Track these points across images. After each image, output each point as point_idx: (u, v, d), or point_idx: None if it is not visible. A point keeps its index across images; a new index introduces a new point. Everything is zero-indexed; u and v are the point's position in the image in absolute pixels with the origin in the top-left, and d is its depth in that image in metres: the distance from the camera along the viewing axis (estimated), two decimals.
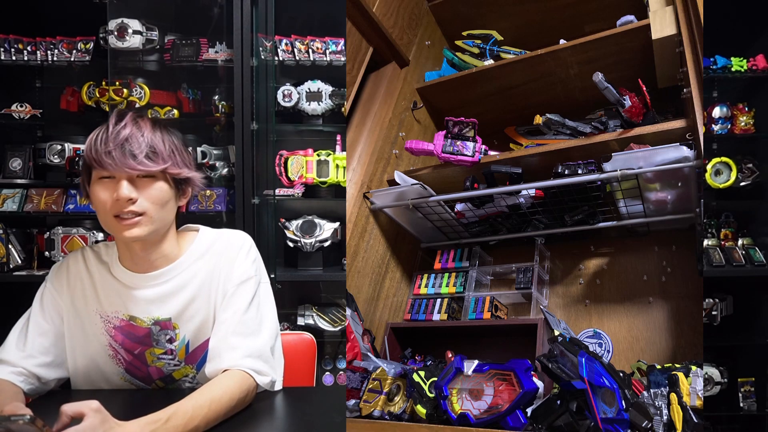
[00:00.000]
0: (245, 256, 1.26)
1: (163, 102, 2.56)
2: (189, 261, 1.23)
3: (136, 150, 1.10)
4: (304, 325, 2.49)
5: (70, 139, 2.64)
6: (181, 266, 1.23)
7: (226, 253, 1.25)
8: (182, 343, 1.23)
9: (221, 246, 1.26)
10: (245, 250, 1.27)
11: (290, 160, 2.41)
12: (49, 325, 1.22)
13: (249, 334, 1.20)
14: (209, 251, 1.25)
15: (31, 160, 2.62)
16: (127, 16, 2.43)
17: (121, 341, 1.22)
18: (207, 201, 2.49)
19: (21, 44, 2.51)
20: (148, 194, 1.13)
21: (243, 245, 1.28)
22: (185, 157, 1.20)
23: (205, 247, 1.26)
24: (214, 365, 1.17)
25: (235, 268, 1.24)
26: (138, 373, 1.25)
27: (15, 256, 2.49)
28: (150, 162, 1.11)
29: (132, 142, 1.10)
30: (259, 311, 1.25)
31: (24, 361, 1.18)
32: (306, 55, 2.49)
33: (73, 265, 1.25)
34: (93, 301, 1.22)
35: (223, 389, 1.07)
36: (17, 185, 2.60)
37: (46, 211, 2.55)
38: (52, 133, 2.76)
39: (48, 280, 1.25)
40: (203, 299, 1.22)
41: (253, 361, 1.17)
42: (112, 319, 1.22)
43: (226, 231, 1.32)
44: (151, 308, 1.21)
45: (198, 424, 0.99)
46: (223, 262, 1.24)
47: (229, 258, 1.25)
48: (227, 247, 1.26)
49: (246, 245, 1.29)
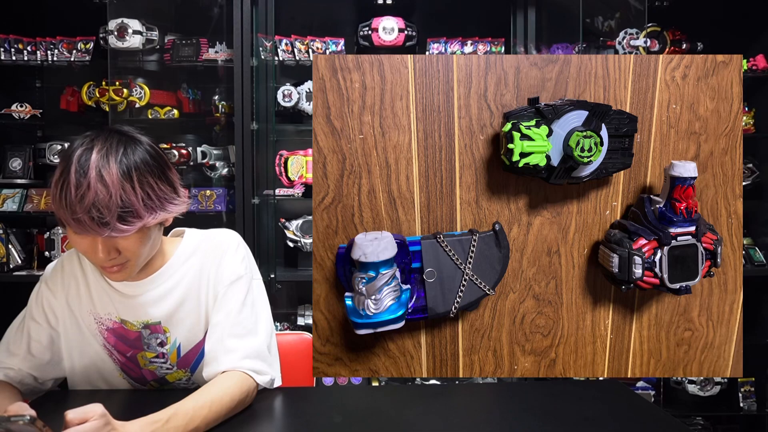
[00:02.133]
0: (233, 255, 1.23)
1: (163, 102, 2.56)
2: (176, 265, 1.21)
3: (106, 216, 0.98)
4: (304, 325, 2.49)
5: (70, 139, 2.63)
6: (169, 270, 1.20)
7: (213, 253, 1.22)
8: (173, 347, 1.21)
9: (207, 246, 1.23)
10: (232, 248, 1.24)
11: (290, 160, 2.41)
12: (45, 325, 1.20)
13: (245, 334, 1.18)
14: (196, 253, 1.23)
15: (31, 160, 2.62)
16: (127, 16, 2.43)
17: (114, 343, 1.21)
18: (207, 201, 2.50)
19: (21, 44, 2.51)
20: (127, 246, 1.06)
21: (230, 244, 1.24)
22: (163, 190, 1.07)
23: (192, 249, 1.23)
24: (211, 369, 1.16)
25: (224, 269, 1.21)
26: (132, 374, 1.24)
27: (15, 256, 2.50)
28: (124, 225, 1.01)
29: (100, 206, 0.98)
30: (254, 310, 1.22)
31: (20, 361, 1.17)
32: (306, 55, 2.49)
33: (68, 265, 1.23)
34: (87, 302, 1.21)
35: (223, 390, 1.07)
36: (17, 185, 2.60)
37: (46, 211, 2.56)
38: (52, 133, 2.76)
39: (43, 280, 1.23)
40: (193, 301, 1.20)
41: (252, 362, 1.16)
42: (105, 320, 1.20)
43: (213, 231, 1.28)
44: (140, 312, 1.19)
45: (198, 425, 0.99)
46: (210, 263, 1.21)
47: (217, 258, 1.22)
48: (214, 247, 1.23)
49: (233, 244, 1.25)
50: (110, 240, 1.04)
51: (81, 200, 0.98)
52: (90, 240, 1.04)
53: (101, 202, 0.98)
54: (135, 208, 1.02)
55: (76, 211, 0.98)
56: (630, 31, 2.47)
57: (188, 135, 2.70)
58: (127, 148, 1.04)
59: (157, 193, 1.06)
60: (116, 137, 1.05)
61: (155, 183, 1.06)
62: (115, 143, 1.03)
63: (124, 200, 1.00)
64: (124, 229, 1.01)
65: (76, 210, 0.98)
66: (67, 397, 1.19)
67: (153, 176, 1.06)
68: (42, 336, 1.20)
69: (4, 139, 2.66)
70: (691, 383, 2.57)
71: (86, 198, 0.98)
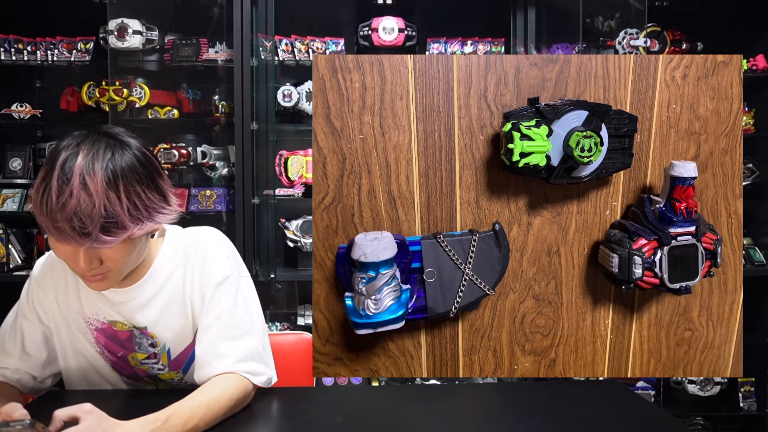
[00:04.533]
0: (216, 254, 1.17)
1: (163, 102, 2.56)
2: (160, 269, 1.16)
3: (89, 226, 0.93)
4: (304, 325, 2.49)
5: None
6: (154, 275, 1.16)
7: (195, 254, 1.17)
8: (163, 350, 1.19)
9: (188, 248, 1.18)
10: (214, 248, 1.18)
11: (290, 160, 2.41)
12: (37, 323, 1.19)
13: (240, 336, 1.15)
14: (176, 254, 1.18)
15: (31, 160, 2.62)
16: (127, 16, 2.43)
17: (104, 343, 1.19)
18: (207, 201, 2.50)
19: (21, 44, 2.51)
20: (110, 256, 1.01)
21: (211, 243, 1.18)
22: (152, 198, 1.01)
23: (174, 250, 1.18)
24: (204, 372, 1.13)
25: (209, 270, 1.15)
26: (125, 372, 1.23)
27: (15, 256, 2.50)
28: (108, 236, 0.95)
29: (82, 215, 0.92)
30: (246, 310, 1.19)
31: (16, 361, 1.16)
32: (306, 55, 2.49)
33: (57, 262, 1.19)
34: (74, 301, 1.18)
35: (221, 389, 1.06)
36: (17, 185, 2.60)
37: None
38: (52, 133, 2.77)
39: (32, 278, 1.21)
40: (178, 305, 1.17)
41: (247, 364, 1.13)
42: (93, 321, 1.18)
43: (193, 230, 1.22)
44: (128, 317, 1.17)
45: (197, 424, 0.99)
46: (193, 265, 1.16)
47: (200, 259, 1.16)
48: (195, 248, 1.17)
49: (215, 243, 1.18)
50: (93, 250, 0.98)
51: (62, 208, 0.92)
52: (72, 249, 0.98)
53: (84, 212, 0.93)
54: (120, 219, 0.96)
55: (57, 219, 0.93)
56: (630, 31, 2.47)
57: (188, 135, 2.70)
58: (114, 153, 0.98)
59: (144, 202, 1.00)
60: (104, 141, 0.99)
61: (143, 191, 0.99)
62: (102, 148, 0.97)
63: (108, 210, 0.94)
64: (108, 240, 0.95)
65: (57, 218, 0.93)
66: (65, 397, 1.19)
67: (141, 184, 0.99)
68: (35, 334, 1.19)
69: (4, 139, 2.66)
70: (691, 383, 2.57)
71: (68, 206, 0.92)
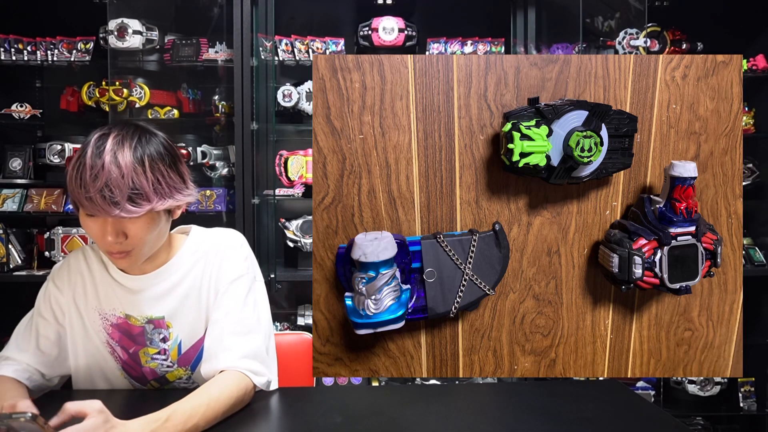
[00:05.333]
0: (236, 254, 1.26)
1: (163, 102, 2.56)
2: (181, 261, 1.24)
3: (117, 196, 1.03)
4: (304, 325, 2.49)
5: (70, 139, 2.64)
6: (174, 266, 1.23)
7: (216, 252, 1.25)
8: (175, 343, 1.23)
9: (211, 245, 1.26)
10: (236, 247, 1.27)
11: (290, 160, 2.41)
12: (53, 321, 1.23)
13: (245, 332, 1.20)
14: (200, 250, 1.25)
15: (31, 160, 2.62)
16: (127, 16, 2.43)
17: (118, 338, 1.24)
18: (207, 201, 2.50)
19: (21, 44, 2.51)
20: (135, 232, 1.10)
21: (233, 243, 1.27)
22: (173, 179, 1.13)
23: (196, 246, 1.26)
24: (210, 365, 1.17)
25: (226, 267, 1.23)
26: (133, 373, 1.26)
27: (15, 256, 2.50)
28: (134, 207, 1.06)
29: (112, 186, 1.03)
30: (255, 309, 1.24)
31: (29, 358, 1.20)
32: (306, 55, 2.49)
33: (74, 263, 1.26)
34: (93, 299, 1.23)
35: (221, 389, 1.07)
36: (17, 185, 2.60)
37: (46, 211, 2.55)
38: (52, 133, 2.76)
39: (50, 279, 1.27)
40: (194, 298, 1.23)
41: (250, 362, 1.16)
42: (110, 316, 1.23)
43: (218, 230, 1.31)
44: (145, 307, 1.22)
45: (197, 423, 1.00)
46: (213, 261, 1.23)
47: (220, 256, 1.24)
48: (217, 246, 1.26)
49: (236, 243, 1.28)
50: (119, 223, 1.08)
51: (94, 180, 1.03)
52: (100, 222, 1.08)
53: (113, 182, 1.03)
54: (145, 191, 1.07)
55: (89, 189, 1.03)
56: (630, 31, 2.47)
57: (188, 135, 2.70)
58: (142, 137, 1.10)
59: (167, 180, 1.11)
60: (133, 128, 1.11)
61: (166, 171, 1.11)
62: (131, 132, 1.10)
63: (135, 182, 1.05)
64: (133, 210, 1.06)
65: (89, 189, 1.03)
66: (69, 396, 1.19)
67: (164, 165, 1.11)
68: (50, 332, 1.23)
69: (4, 139, 2.66)
70: (691, 383, 2.57)
71: (99, 177, 1.03)
